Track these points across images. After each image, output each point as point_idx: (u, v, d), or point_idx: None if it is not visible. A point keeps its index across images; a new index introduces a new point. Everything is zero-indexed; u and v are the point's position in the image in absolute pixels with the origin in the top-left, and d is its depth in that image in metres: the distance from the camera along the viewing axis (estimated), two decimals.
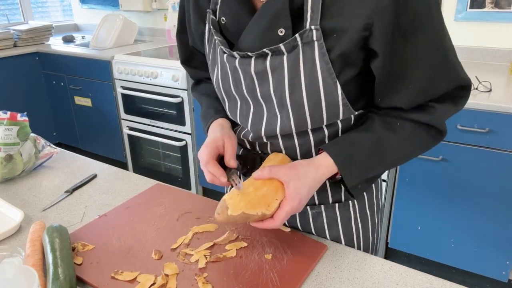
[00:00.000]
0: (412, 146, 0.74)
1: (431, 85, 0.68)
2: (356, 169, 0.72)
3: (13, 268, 0.61)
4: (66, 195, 1.02)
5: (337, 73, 0.66)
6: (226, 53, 0.73)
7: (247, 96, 0.75)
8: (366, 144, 0.72)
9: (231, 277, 0.71)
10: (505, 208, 1.70)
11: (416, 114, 0.71)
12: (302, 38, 0.64)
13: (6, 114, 1.08)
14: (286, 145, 0.79)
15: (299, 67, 0.66)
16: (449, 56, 0.68)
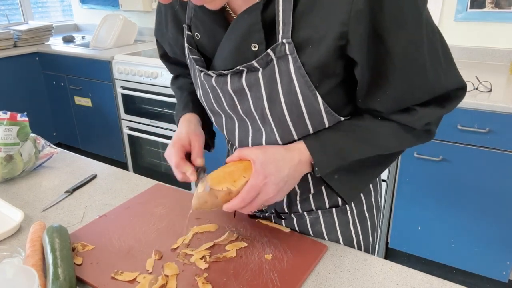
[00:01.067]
0: (393, 140, 0.71)
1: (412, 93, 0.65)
2: (326, 152, 0.68)
3: (13, 268, 0.61)
4: (66, 195, 1.02)
5: (316, 84, 0.63)
6: (203, 71, 0.71)
7: (230, 112, 0.74)
8: (340, 129, 0.69)
9: (231, 277, 0.71)
10: (505, 208, 1.70)
11: (396, 115, 0.69)
12: (275, 52, 0.62)
13: (6, 114, 1.08)
14: None
15: (276, 82, 0.64)
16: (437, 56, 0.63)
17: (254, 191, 0.66)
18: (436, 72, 0.64)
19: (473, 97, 1.64)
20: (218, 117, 0.78)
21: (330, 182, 0.72)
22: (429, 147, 1.76)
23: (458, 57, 2.23)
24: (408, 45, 0.60)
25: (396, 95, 0.65)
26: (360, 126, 0.70)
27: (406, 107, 0.67)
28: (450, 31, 2.21)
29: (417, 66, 0.62)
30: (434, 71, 0.63)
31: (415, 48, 0.61)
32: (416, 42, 0.60)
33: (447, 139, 1.71)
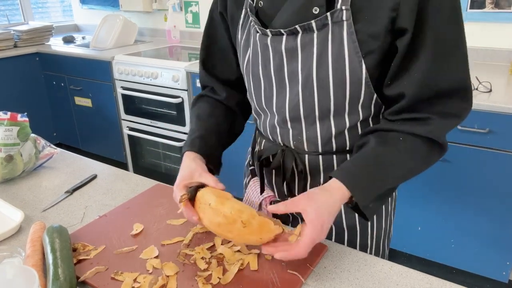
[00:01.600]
0: (413, 160, 0.75)
1: (439, 72, 0.69)
2: (365, 188, 0.72)
3: (13, 269, 0.62)
4: (66, 195, 1.02)
5: (364, 53, 0.69)
6: (259, 32, 0.76)
7: (273, 75, 0.79)
8: (368, 163, 0.73)
9: (231, 277, 0.71)
10: (505, 208, 1.70)
11: (415, 127, 0.73)
12: (332, 17, 0.68)
13: (6, 115, 1.08)
14: (308, 131, 0.81)
15: (328, 44, 0.70)
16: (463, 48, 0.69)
17: (313, 242, 0.67)
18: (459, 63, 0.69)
19: (473, 97, 1.64)
20: (258, 84, 0.83)
21: (366, 211, 0.73)
22: None
23: None
24: (446, 27, 0.66)
25: (422, 76, 0.69)
26: (382, 155, 0.73)
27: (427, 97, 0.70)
28: None
29: (448, 49, 0.68)
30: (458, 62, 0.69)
31: (451, 33, 0.67)
32: (453, 28, 0.67)
33: (447, 139, 1.71)
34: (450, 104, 0.72)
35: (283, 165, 0.87)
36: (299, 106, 0.78)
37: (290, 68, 0.76)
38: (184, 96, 2.46)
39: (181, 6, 3.11)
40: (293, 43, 0.73)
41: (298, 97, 0.77)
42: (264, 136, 0.92)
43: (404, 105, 0.72)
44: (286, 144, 0.86)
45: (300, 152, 0.85)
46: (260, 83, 0.82)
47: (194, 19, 3.10)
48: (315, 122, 0.79)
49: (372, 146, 0.74)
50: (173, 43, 3.09)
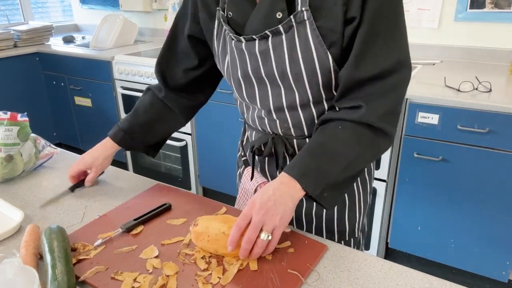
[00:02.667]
0: (356, 146, 0.79)
1: (365, 57, 0.75)
2: (311, 176, 0.76)
3: (13, 268, 0.61)
4: (67, 193, 1.02)
5: (328, 45, 0.77)
6: (234, 39, 0.85)
7: (252, 76, 0.87)
8: (312, 152, 0.79)
9: (231, 277, 0.71)
10: (505, 208, 1.70)
11: (350, 114, 0.79)
12: (295, 18, 0.77)
13: (6, 115, 1.08)
14: (293, 119, 0.89)
15: (295, 43, 0.79)
16: (395, 34, 0.76)
17: (246, 217, 0.73)
18: (389, 49, 0.76)
19: (473, 97, 1.64)
20: (238, 86, 0.92)
21: (321, 201, 0.79)
22: (429, 147, 1.76)
23: (458, 57, 2.23)
24: (380, 16, 0.74)
25: (352, 61, 0.76)
26: (326, 143, 0.79)
27: (355, 81, 0.77)
28: (450, 31, 2.21)
29: (379, 36, 0.75)
30: (388, 47, 0.76)
31: (384, 20, 0.74)
32: (387, 17, 0.75)
33: (447, 139, 1.71)
34: (377, 86, 0.77)
35: (275, 152, 0.95)
36: (282, 99, 0.87)
37: (266, 68, 0.84)
38: None
39: None
40: (265, 46, 0.81)
41: (280, 91, 0.86)
42: (254, 128, 1.00)
43: (340, 91, 0.80)
44: (275, 132, 0.94)
45: (289, 137, 0.93)
46: (241, 84, 0.90)
47: None
48: (297, 110, 0.87)
49: (314, 137, 0.82)
50: None
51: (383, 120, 0.78)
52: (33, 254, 0.74)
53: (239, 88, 0.92)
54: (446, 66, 2.12)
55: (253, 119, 0.97)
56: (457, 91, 1.71)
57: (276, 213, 0.73)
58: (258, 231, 0.72)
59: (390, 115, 0.80)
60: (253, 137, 1.01)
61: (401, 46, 0.77)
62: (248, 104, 0.95)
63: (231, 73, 0.90)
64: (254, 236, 0.72)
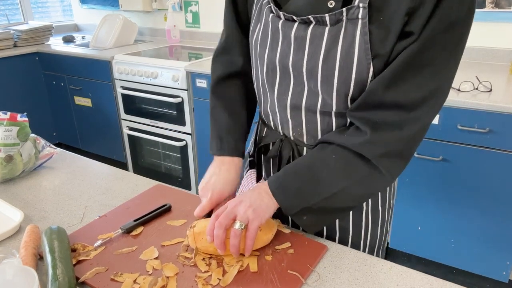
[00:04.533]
0: (346, 180, 0.71)
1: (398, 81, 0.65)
2: (289, 196, 0.74)
3: (12, 269, 0.61)
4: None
5: (373, 55, 0.66)
6: (273, 12, 0.74)
7: (277, 63, 0.76)
8: (298, 171, 0.74)
9: (231, 278, 0.71)
10: (505, 208, 1.70)
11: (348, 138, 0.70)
12: (348, 13, 0.65)
13: (6, 115, 1.08)
14: (308, 124, 0.79)
15: (338, 41, 0.67)
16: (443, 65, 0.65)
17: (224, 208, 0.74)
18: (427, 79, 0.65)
19: (473, 97, 1.64)
20: (261, 67, 0.80)
21: (299, 222, 0.77)
22: (429, 147, 1.76)
23: None
24: (436, 38, 0.62)
25: (383, 77, 0.66)
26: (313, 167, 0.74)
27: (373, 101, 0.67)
28: None
29: (425, 61, 0.64)
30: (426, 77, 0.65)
31: (440, 46, 0.63)
32: (443, 43, 0.63)
33: (447, 139, 1.71)
34: (397, 116, 0.67)
35: (280, 155, 0.87)
36: (303, 97, 0.76)
37: (295, 58, 0.73)
38: (184, 96, 2.46)
39: (181, 6, 3.10)
40: (303, 33, 0.70)
41: (303, 89, 0.75)
42: (266, 124, 0.90)
43: (357, 102, 0.70)
44: (286, 134, 0.85)
45: (299, 143, 0.84)
46: (264, 64, 0.80)
47: (194, 19, 3.10)
48: (316, 114, 0.77)
49: (307, 155, 0.76)
50: (173, 42, 3.09)
51: (385, 159, 0.69)
52: (32, 255, 0.74)
53: (261, 70, 0.81)
54: None
55: (266, 113, 0.87)
56: (457, 91, 1.71)
57: (250, 205, 0.72)
58: (230, 218, 0.72)
59: (397, 153, 0.69)
60: (264, 133, 0.91)
61: (447, 76, 0.66)
62: (266, 91, 0.83)
63: (258, 50, 0.79)
64: (224, 222, 0.72)
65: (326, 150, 0.74)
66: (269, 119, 0.88)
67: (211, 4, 2.94)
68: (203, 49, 2.86)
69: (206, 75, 2.32)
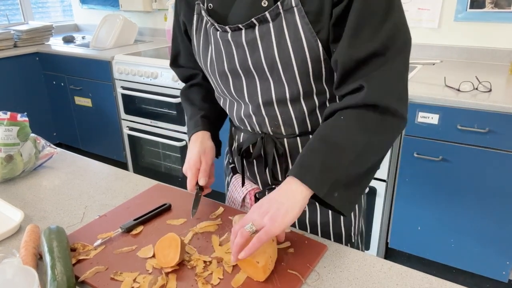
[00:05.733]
0: (363, 134, 0.72)
1: (360, 36, 0.70)
2: (316, 174, 0.70)
3: (12, 268, 0.61)
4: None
5: (316, 31, 0.74)
6: (219, 30, 0.81)
7: (239, 69, 0.82)
8: (313, 147, 0.73)
9: (231, 277, 0.71)
10: (505, 208, 1.70)
11: (350, 100, 0.73)
12: (282, 6, 0.74)
13: (6, 115, 1.08)
14: (282, 115, 0.85)
15: (284, 31, 0.75)
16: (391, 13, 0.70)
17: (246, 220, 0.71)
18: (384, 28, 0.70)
19: (473, 97, 1.64)
20: (225, 80, 0.86)
21: (331, 201, 0.72)
22: (429, 147, 1.76)
23: (458, 57, 2.23)
24: None
25: (345, 42, 0.71)
26: (328, 135, 0.74)
27: (353, 63, 0.71)
28: (450, 31, 2.20)
29: (373, 13, 0.69)
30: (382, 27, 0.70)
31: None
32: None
33: (447, 139, 1.71)
34: (377, 63, 0.71)
35: (264, 152, 0.90)
36: (271, 92, 0.82)
37: (253, 59, 0.79)
38: None
39: None
40: (252, 35, 0.77)
41: (269, 84, 0.81)
42: (242, 129, 0.94)
43: (338, 76, 0.74)
44: (265, 131, 0.89)
45: (279, 136, 0.89)
46: (228, 78, 0.85)
47: None
48: (287, 105, 0.83)
49: (315, 133, 0.76)
50: None
51: (389, 97, 0.72)
52: (32, 254, 0.74)
53: (226, 83, 0.87)
54: (446, 66, 2.12)
55: (240, 118, 0.91)
56: (457, 91, 1.71)
57: (266, 211, 0.69)
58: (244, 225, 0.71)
59: (396, 89, 0.73)
60: (241, 139, 0.95)
61: (397, 15, 0.71)
62: (236, 100, 0.89)
63: (216, 67, 0.85)
64: (237, 228, 0.71)
65: (332, 118, 0.75)
66: (244, 124, 0.92)
67: None
68: None
69: None
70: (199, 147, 0.93)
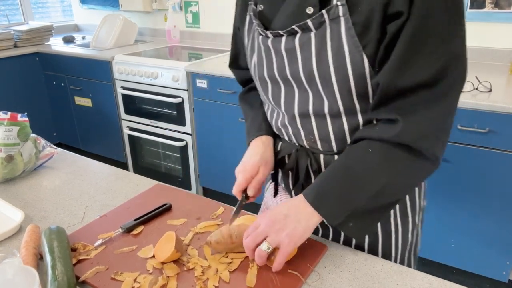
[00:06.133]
0: (388, 173, 0.68)
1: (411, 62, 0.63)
2: (331, 204, 0.69)
3: (13, 268, 0.61)
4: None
5: (363, 45, 0.66)
6: (262, 34, 0.78)
7: (278, 77, 0.79)
8: (335, 175, 0.71)
9: (231, 277, 0.71)
10: (505, 208, 1.70)
11: (383, 131, 0.68)
12: (328, 14, 0.67)
13: (7, 115, 1.08)
14: (319, 130, 0.78)
15: (326, 42, 0.69)
16: (451, 39, 0.63)
17: (254, 227, 0.72)
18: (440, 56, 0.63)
19: (473, 97, 1.64)
20: (265, 85, 0.83)
21: (344, 230, 0.72)
22: None
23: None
24: (435, 12, 0.61)
25: (394, 65, 0.64)
26: (350, 166, 0.70)
27: (396, 90, 0.65)
28: None
29: (431, 37, 0.62)
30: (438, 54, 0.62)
31: (439, 20, 0.61)
32: (443, 16, 0.61)
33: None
34: (422, 96, 0.65)
35: (297, 166, 0.85)
36: (309, 104, 0.76)
37: (291, 68, 0.75)
38: (184, 96, 2.46)
39: (181, 6, 3.10)
40: (292, 43, 0.73)
41: (307, 96, 0.76)
42: (280, 137, 0.91)
43: (377, 99, 0.68)
44: (301, 144, 0.85)
45: (315, 151, 0.83)
46: (267, 84, 0.82)
47: (194, 19, 3.10)
48: (325, 118, 0.76)
49: (339, 158, 0.72)
50: (173, 43, 3.09)
51: (426, 140, 0.66)
52: (33, 254, 0.75)
53: (265, 89, 0.84)
54: None
55: (278, 127, 0.87)
56: None
57: (283, 228, 0.69)
58: (259, 240, 0.70)
59: (434, 132, 0.67)
60: (279, 147, 0.91)
61: (458, 43, 0.63)
62: (274, 107, 0.85)
63: (257, 72, 0.82)
64: (252, 245, 0.71)
65: (359, 147, 0.71)
66: (282, 133, 0.88)
67: (211, 4, 2.94)
68: (203, 49, 2.86)
69: (206, 75, 2.32)
70: (261, 156, 0.86)
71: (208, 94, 2.36)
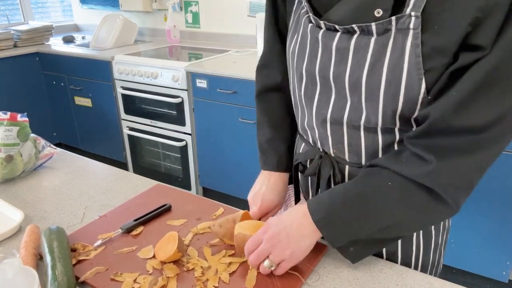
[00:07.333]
0: (406, 210, 0.64)
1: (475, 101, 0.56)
2: (336, 228, 0.67)
3: (13, 269, 0.61)
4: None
5: (425, 69, 0.58)
6: (313, 22, 0.68)
7: (317, 74, 0.70)
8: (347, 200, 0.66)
9: (231, 277, 0.71)
10: (505, 208, 1.70)
11: (409, 167, 0.62)
12: (397, 23, 0.58)
13: (6, 115, 1.08)
14: (350, 139, 0.72)
15: (386, 53, 0.60)
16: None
17: (256, 242, 0.71)
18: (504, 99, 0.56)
19: None
20: (299, 79, 0.75)
21: (342, 252, 0.71)
22: None
23: None
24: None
25: (454, 100, 0.57)
26: (366, 194, 0.66)
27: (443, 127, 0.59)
28: None
29: (503, 79, 0.55)
30: (504, 97, 0.56)
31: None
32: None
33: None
34: (465, 140, 0.59)
35: (318, 173, 0.78)
36: (345, 111, 0.69)
37: (336, 70, 0.66)
38: (184, 96, 2.46)
39: (181, 6, 3.10)
40: (346, 43, 0.64)
41: (345, 101, 0.68)
42: (304, 139, 0.84)
43: (419, 130, 0.61)
44: (326, 150, 0.77)
45: (340, 161, 0.75)
46: (302, 78, 0.74)
47: (194, 19, 3.10)
48: (359, 130, 0.69)
49: (356, 181, 0.67)
50: (173, 43, 3.09)
51: (452, 189, 0.61)
52: (33, 255, 0.74)
53: (299, 83, 0.75)
54: None
55: (304, 128, 0.80)
56: None
57: (287, 247, 0.68)
58: (262, 258, 0.70)
59: (466, 182, 0.62)
60: (301, 149, 0.84)
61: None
62: (303, 105, 0.77)
63: (295, 62, 0.74)
64: (256, 262, 0.70)
65: (379, 176, 0.65)
66: (307, 135, 0.81)
67: (211, 4, 2.94)
68: (203, 49, 2.86)
69: (206, 75, 2.32)
70: (280, 196, 0.87)
71: (208, 94, 2.36)
